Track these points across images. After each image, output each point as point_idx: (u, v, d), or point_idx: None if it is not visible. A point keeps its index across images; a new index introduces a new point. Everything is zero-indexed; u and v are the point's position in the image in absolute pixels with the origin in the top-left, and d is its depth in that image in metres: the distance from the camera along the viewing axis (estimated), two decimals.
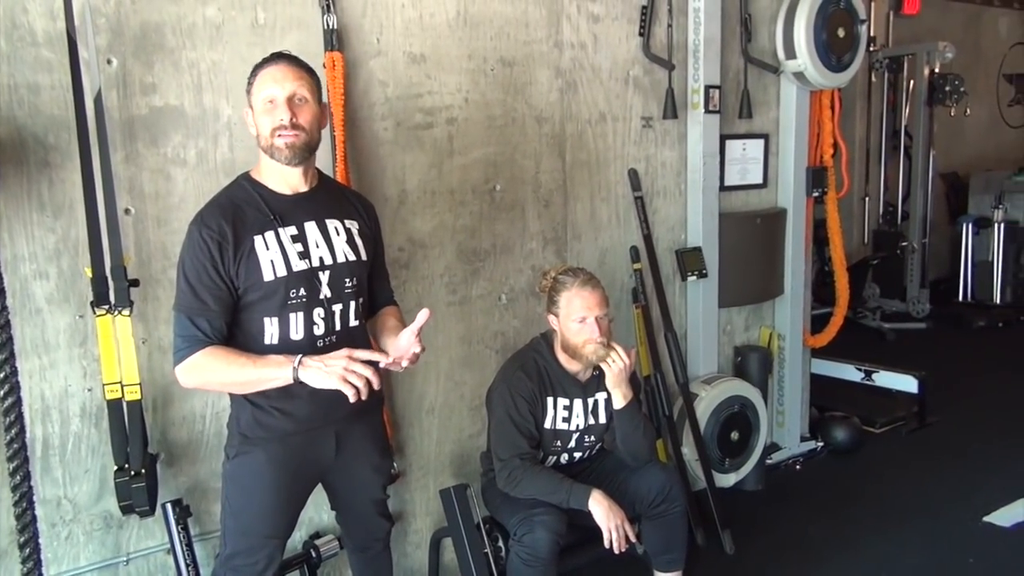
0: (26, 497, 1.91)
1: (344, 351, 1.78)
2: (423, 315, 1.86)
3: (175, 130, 2.23)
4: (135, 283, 2.13)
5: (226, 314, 1.82)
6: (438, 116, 2.66)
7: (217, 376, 1.82)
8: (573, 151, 3.00)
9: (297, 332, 1.86)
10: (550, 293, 2.47)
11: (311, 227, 1.91)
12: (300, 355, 1.78)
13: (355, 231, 1.99)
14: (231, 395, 1.95)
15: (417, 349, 1.86)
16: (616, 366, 2.39)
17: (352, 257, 1.95)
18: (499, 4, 2.74)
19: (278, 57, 1.86)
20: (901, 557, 2.96)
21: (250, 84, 1.86)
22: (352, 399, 1.74)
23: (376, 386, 1.79)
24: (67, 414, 2.17)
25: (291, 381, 1.78)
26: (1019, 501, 3.33)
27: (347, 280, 1.94)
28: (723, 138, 3.34)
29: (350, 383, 1.74)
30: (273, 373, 1.79)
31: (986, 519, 3.21)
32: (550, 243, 2.98)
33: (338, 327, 1.92)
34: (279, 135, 1.81)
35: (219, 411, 2.35)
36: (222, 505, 2.00)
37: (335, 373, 1.74)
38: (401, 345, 1.89)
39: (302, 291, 1.85)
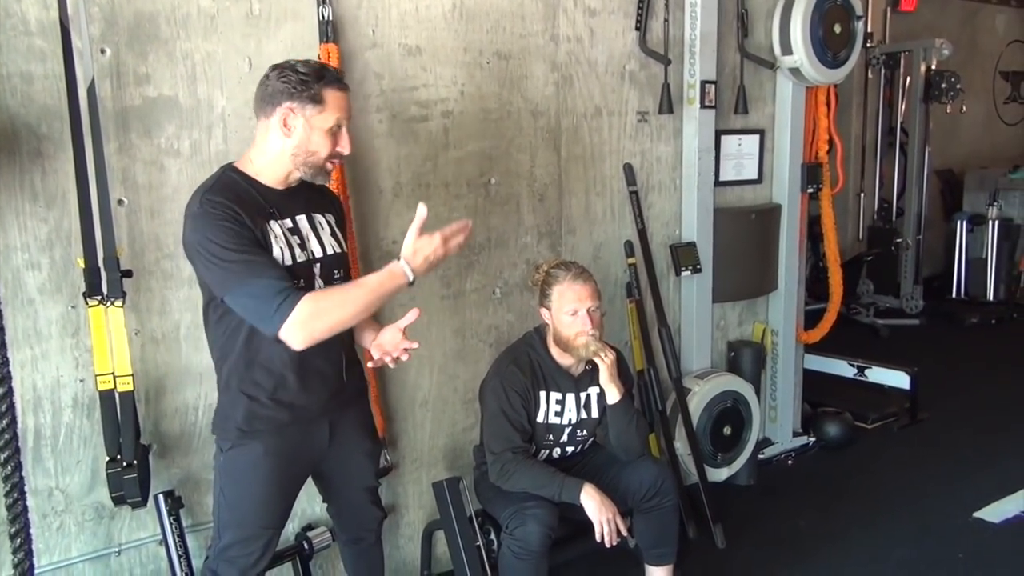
0: (17, 487, 1.90)
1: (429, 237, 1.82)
2: (412, 314, 1.87)
3: (169, 121, 2.22)
4: (128, 274, 2.13)
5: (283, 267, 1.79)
6: (433, 109, 2.66)
7: (336, 312, 1.75)
8: (568, 145, 3.00)
9: None
10: (542, 287, 2.47)
11: (302, 220, 1.91)
12: (399, 261, 1.79)
13: (333, 224, 2.01)
14: (223, 390, 1.93)
15: (407, 345, 1.88)
16: (608, 359, 2.39)
17: (337, 249, 1.98)
18: None
19: (340, 81, 1.86)
20: (891, 552, 2.98)
21: (309, 93, 1.79)
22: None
23: None
24: (59, 405, 2.17)
25: (409, 281, 1.79)
26: (1009, 497, 3.35)
27: (335, 272, 1.95)
28: (719, 133, 3.34)
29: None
30: (389, 285, 1.79)
31: (976, 515, 3.23)
32: (545, 237, 2.98)
33: None
34: (332, 162, 1.87)
35: (211, 403, 2.33)
36: (216, 497, 1.99)
37: (440, 251, 1.82)
38: (385, 340, 1.91)
39: (302, 282, 1.85)
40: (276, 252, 1.80)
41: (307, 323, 1.69)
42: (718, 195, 3.40)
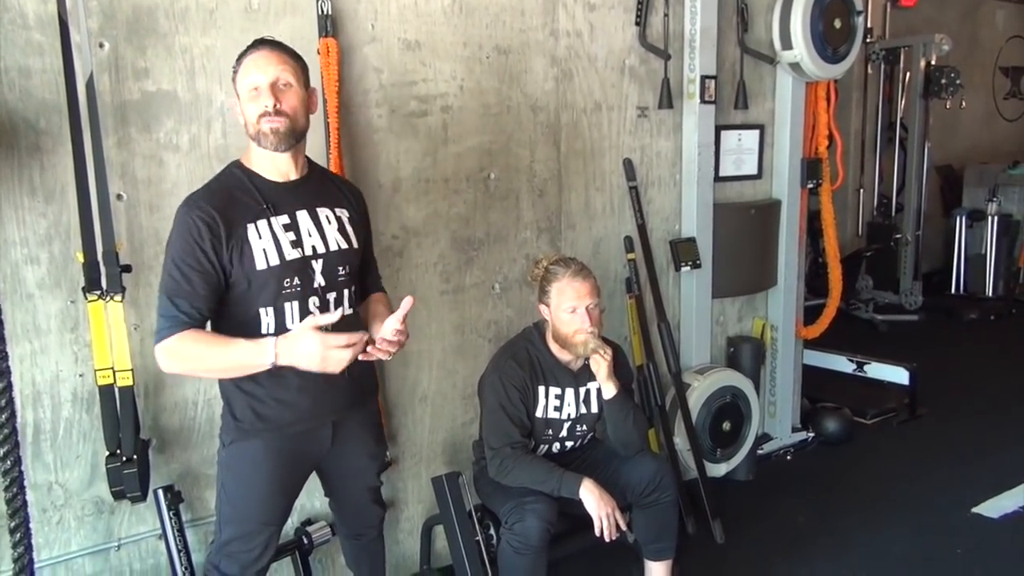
0: (16, 482, 1.90)
1: (316, 334, 1.75)
2: (407, 303, 1.86)
3: (168, 115, 2.22)
4: (127, 269, 2.12)
5: (211, 298, 1.79)
6: (433, 104, 2.65)
7: (193, 360, 1.79)
8: (568, 140, 2.99)
9: (293, 321, 1.84)
10: (541, 283, 2.47)
11: (303, 216, 1.89)
12: (273, 339, 1.76)
13: (346, 219, 1.98)
14: (223, 383, 1.94)
15: (396, 327, 1.87)
16: (607, 358, 2.39)
17: (344, 245, 1.94)
18: None
19: (260, 43, 1.84)
20: (890, 547, 2.99)
21: (235, 72, 1.84)
22: (338, 371, 1.76)
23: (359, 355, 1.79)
24: (58, 399, 2.17)
25: (269, 367, 1.76)
26: (1007, 493, 3.36)
27: (340, 268, 1.93)
28: (718, 128, 3.34)
29: (338, 368, 1.75)
30: (250, 359, 1.77)
31: (975, 510, 3.24)
32: (544, 232, 2.98)
33: None
34: (264, 121, 1.80)
35: (211, 398, 2.35)
36: (217, 492, 1.99)
37: (318, 360, 1.74)
38: (387, 332, 1.89)
39: (296, 280, 1.84)
40: (258, 254, 1.80)
41: (167, 356, 1.78)
42: (718, 190, 3.40)
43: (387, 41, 2.54)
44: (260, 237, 1.81)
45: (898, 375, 4.28)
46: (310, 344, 1.73)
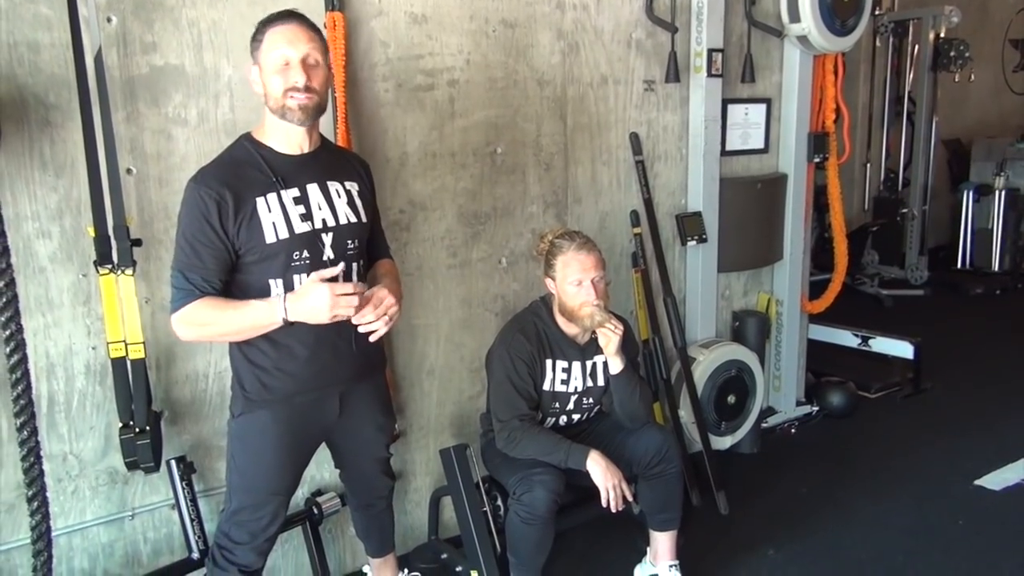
0: (33, 452, 1.94)
1: (323, 285, 1.79)
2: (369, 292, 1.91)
3: (176, 89, 2.22)
4: (138, 243, 2.14)
5: (222, 272, 1.83)
6: (439, 78, 2.65)
7: (209, 326, 1.84)
8: (574, 114, 2.99)
9: None
10: (547, 257, 2.48)
11: (313, 189, 1.91)
12: (281, 295, 1.80)
13: (355, 192, 2.00)
14: (232, 356, 1.97)
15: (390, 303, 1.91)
16: (616, 333, 2.41)
17: (353, 219, 1.96)
18: None
19: (290, 16, 1.84)
20: (893, 519, 3.02)
21: (257, 42, 1.83)
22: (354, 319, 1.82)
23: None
24: (72, 372, 2.20)
25: (281, 323, 1.80)
26: (1009, 466, 3.39)
27: (349, 242, 1.94)
28: (725, 102, 3.32)
29: (345, 313, 1.80)
30: (262, 317, 1.81)
31: (977, 482, 3.26)
32: (551, 207, 2.99)
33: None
34: (292, 96, 1.80)
35: (221, 370, 2.37)
36: (227, 462, 2.03)
37: (326, 309, 1.77)
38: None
39: (305, 253, 1.86)
40: (267, 227, 1.82)
41: (183, 324, 1.83)
42: (724, 165, 3.39)
43: (394, 15, 2.53)
44: (270, 210, 1.83)
45: (903, 349, 4.29)
46: (319, 294, 1.77)
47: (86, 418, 2.23)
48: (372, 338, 1.91)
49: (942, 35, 6.10)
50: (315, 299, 1.78)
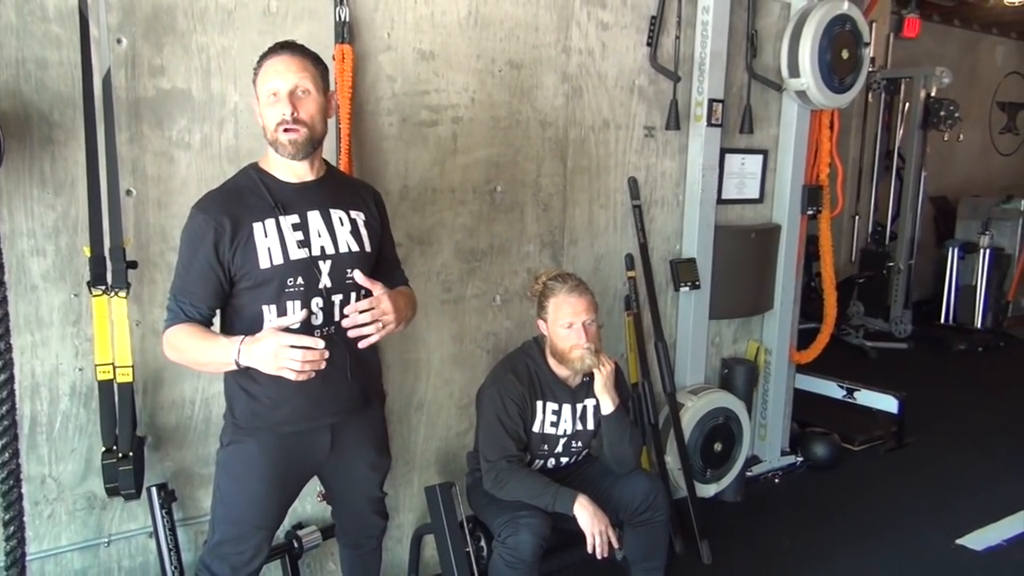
0: (13, 474, 1.90)
1: (274, 333, 1.75)
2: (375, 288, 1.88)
3: (181, 113, 2.22)
4: (133, 265, 2.13)
5: (211, 299, 1.84)
6: (444, 114, 2.66)
7: (183, 352, 1.84)
8: (575, 156, 3.01)
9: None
10: (540, 298, 2.48)
11: (314, 216, 1.90)
12: (242, 337, 1.77)
13: (361, 222, 1.98)
14: (226, 381, 1.95)
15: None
16: (605, 369, 2.41)
17: (355, 248, 1.94)
18: (510, 6, 2.75)
19: (281, 47, 1.85)
20: (873, 575, 3.00)
21: (255, 74, 1.85)
22: (295, 379, 1.75)
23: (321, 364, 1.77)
24: (56, 392, 2.16)
25: (234, 366, 1.77)
26: (992, 525, 3.39)
27: (348, 271, 1.92)
28: (723, 151, 3.36)
29: (289, 368, 1.73)
30: (219, 356, 1.79)
31: (959, 542, 3.26)
32: (547, 246, 2.99)
33: (338, 317, 1.90)
34: (282, 130, 1.81)
35: (208, 397, 2.35)
36: (213, 492, 2.00)
37: (271, 358, 1.73)
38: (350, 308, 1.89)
39: (300, 280, 1.85)
40: (262, 252, 1.81)
41: (166, 347, 1.87)
42: (719, 213, 3.42)
43: (402, 50, 2.55)
44: (266, 236, 1.82)
45: (887, 403, 4.30)
46: (266, 343, 1.74)
47: (68, 441, 2.19)
48: (361, 344, 1.87)
49: (933, 94, 6.23)
50: (262, 348, 1.73)
